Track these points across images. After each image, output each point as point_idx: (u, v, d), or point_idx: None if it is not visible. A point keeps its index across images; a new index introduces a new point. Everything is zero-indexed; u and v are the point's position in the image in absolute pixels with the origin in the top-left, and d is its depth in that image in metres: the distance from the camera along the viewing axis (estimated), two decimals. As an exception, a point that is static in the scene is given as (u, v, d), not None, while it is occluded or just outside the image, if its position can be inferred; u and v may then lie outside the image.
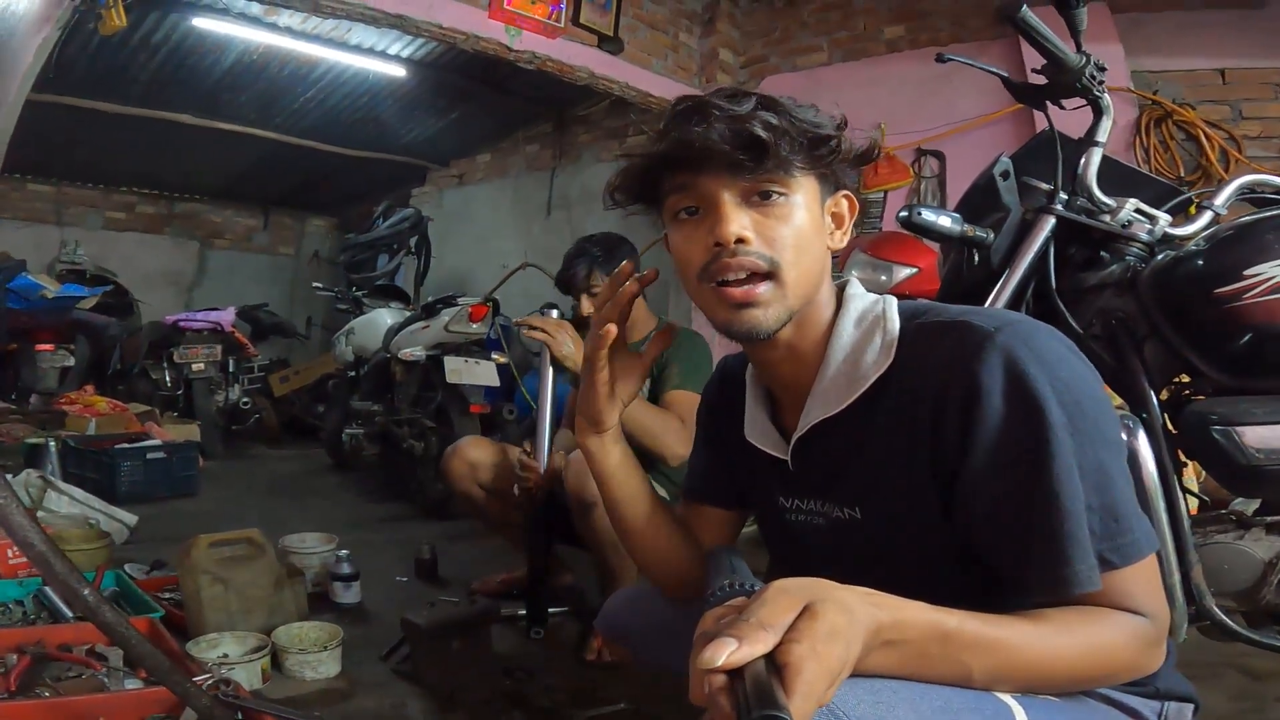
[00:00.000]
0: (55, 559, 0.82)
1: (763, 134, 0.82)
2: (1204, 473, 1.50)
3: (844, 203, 0.95)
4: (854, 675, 0.62)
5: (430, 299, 4.09)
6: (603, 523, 1.94)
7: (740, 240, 0.84)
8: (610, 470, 1.05)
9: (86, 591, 0.87)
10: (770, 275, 0.85)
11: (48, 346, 4.93)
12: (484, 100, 5.70)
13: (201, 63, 4.97)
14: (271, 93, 5.48)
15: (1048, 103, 1.51)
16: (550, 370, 2.15)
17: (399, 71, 5.15)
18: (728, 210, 0.85)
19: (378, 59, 4.99)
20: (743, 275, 0.85)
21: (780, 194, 0.86)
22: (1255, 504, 1.51)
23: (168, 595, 2.28)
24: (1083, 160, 1.49)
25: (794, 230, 0.86)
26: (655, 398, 2.19)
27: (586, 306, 2.33)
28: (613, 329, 0.95)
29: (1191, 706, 0.92)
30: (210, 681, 1.54)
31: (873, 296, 0.94)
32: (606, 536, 1.98)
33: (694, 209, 0.88)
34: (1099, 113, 1.49)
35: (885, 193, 4.28)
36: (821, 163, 0.88)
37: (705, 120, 0.83)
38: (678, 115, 0.87)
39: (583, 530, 2.11)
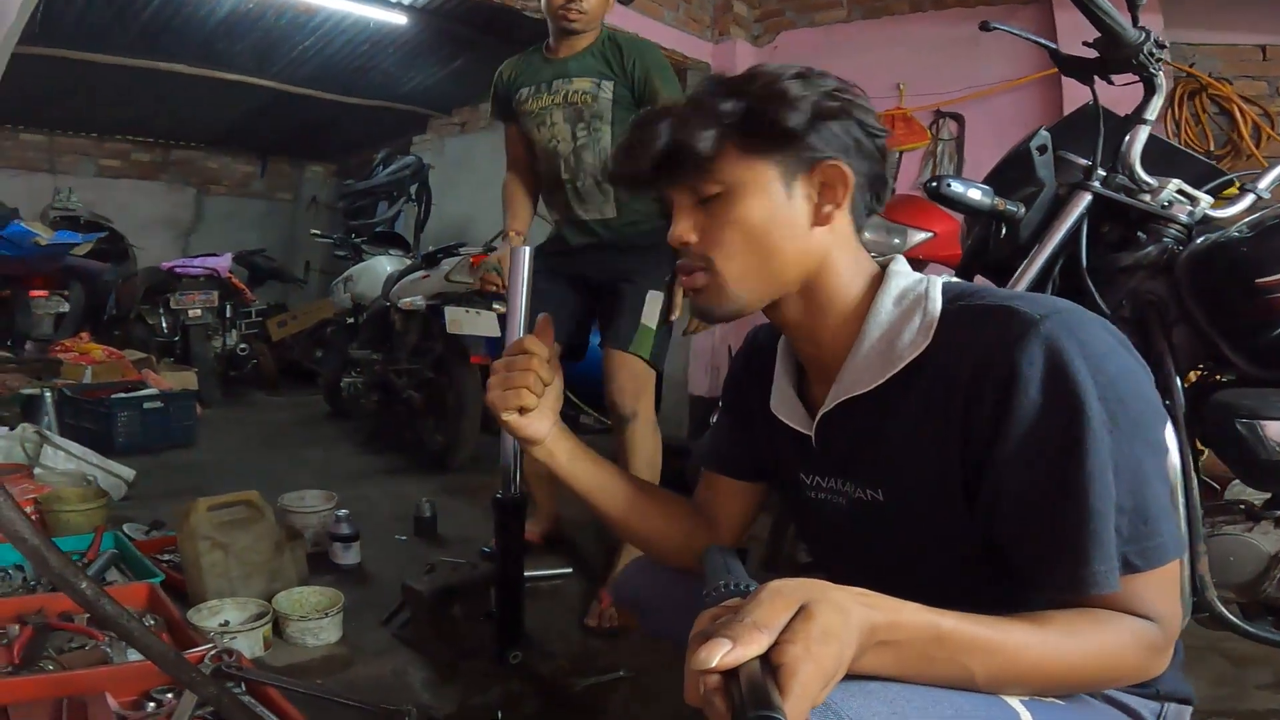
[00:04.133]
0: (49, 553, 0.79)
1: (660, 145, 0.85)
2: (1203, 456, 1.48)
3: (829, 173, 0.86)
4: (852, 677, 0.61)
5: (431, 248, 4.00)
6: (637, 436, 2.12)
7: (684, 243, 0.89)
8: (565, 468, 1.05)
9: (84, 585, 0.83)
10: (707, 270, 0.89)
11: (42, 293, 4.90)
12: (488, 49, 5.51)
13: (197, 11, 4.83)
14: (269, 41, 5.33)
15: (1095, 77, 1.44)
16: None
17: (400, 19, 4.99)
18: (676, 214, 0.89)
19: (379, 6, 4.83)
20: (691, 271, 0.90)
21: (717, 191, 0.86)
22: (1255, 492, 1.49)
23: (167, 558, 2.26)
24: (1128, 137, 1.43)
25: (736, 227, 0.86)
26: (641, 102, 2.12)
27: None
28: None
29: (1189, 709, 0.91)
30: (213, 652, 1.52)
31: (916, 275, 0.91)
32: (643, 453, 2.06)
33: None
34: (1151, 90, 1.42)
35: (900, 153, 4.17)
36: (755, 146, 0.84)
37: (629, 146, 0.89)
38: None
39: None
